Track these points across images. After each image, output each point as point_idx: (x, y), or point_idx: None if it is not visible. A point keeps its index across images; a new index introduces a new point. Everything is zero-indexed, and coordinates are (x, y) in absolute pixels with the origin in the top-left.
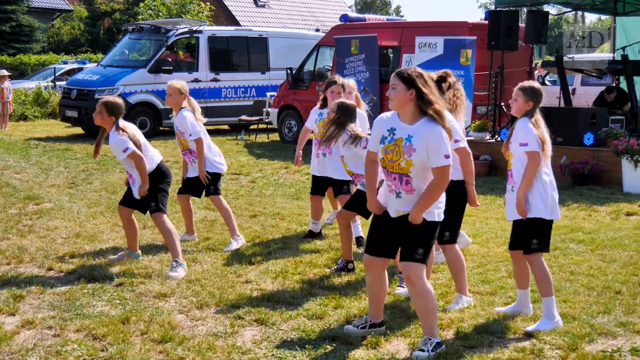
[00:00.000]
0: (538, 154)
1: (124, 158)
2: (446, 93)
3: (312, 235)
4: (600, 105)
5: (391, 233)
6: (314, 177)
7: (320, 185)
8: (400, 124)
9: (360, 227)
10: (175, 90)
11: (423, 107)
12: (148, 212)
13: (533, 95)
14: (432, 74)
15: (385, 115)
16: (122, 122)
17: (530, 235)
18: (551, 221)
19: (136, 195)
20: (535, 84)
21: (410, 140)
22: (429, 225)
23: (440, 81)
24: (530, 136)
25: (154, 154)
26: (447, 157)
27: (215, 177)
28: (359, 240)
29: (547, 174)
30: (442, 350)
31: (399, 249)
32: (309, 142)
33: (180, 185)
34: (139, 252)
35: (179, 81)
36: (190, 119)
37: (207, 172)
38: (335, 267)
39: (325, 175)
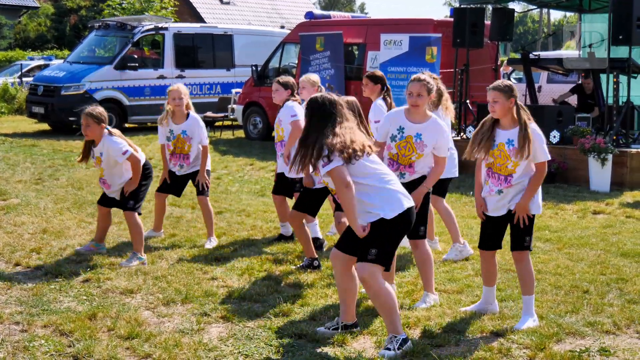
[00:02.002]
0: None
1: (121, 161)
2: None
3: (283, 238)
4: (579, 92)
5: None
6: (278, 175)
7: (283, 186)
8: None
9: (318, 227)
10: (184, 94)
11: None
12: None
13: (512, 91)
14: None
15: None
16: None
17: (525, 233)
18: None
19: (116, 197)
20: (506, 81)
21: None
22: (383, 226)
23: None
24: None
25: (141, 154)
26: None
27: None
28: (315, 241)
29: None
30: (408, 346)
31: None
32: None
33: (160, 184)
34: (104, 244)
35: (182, 85)
36: (203, 125)
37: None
38: (301, 264)
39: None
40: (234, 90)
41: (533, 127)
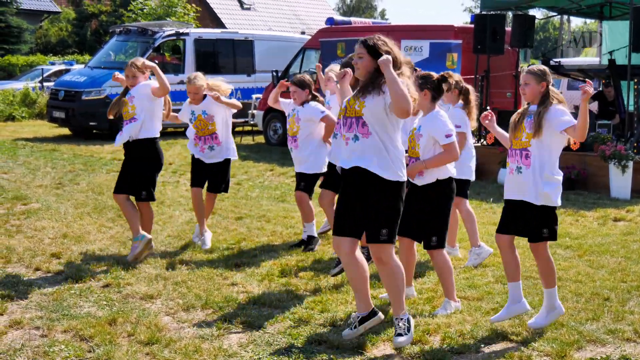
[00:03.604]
0: None
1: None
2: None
3: (304, 243)
4: (600, 99)
5: (355, 213)
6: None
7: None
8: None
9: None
10: (198, 89)
11: None
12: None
13: (545, 75)
14: (434, 74)
15: None
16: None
17: (543, 224)
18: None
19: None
20: (541, 66)
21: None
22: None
23: (440, 81)
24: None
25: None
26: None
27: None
28: (310, 240)
29: None
30: (412, 323)
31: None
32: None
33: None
34: (143, 232)
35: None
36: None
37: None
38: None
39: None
40: (254, 96)
41: (554, 107)
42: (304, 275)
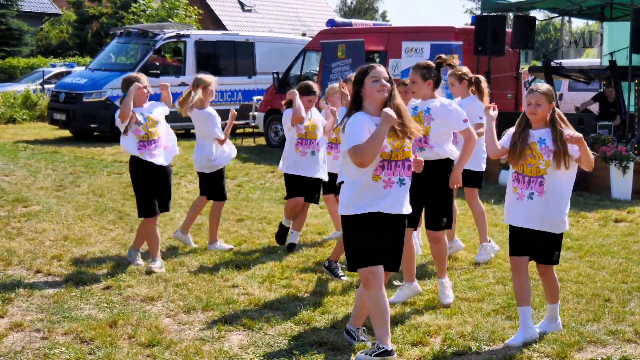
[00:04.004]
0: None
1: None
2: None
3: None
4: (601, 100)
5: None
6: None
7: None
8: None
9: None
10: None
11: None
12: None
13: (552, 96)
14: (431, 62)
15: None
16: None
17: (555, 248)
18: None
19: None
20: (547, 85)
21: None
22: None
23: (438, 67)
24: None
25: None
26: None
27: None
28: (290, 246)
29: None
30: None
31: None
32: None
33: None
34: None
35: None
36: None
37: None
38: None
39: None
40: (255, 98)
41: (566, 130)
42: (305, 277)
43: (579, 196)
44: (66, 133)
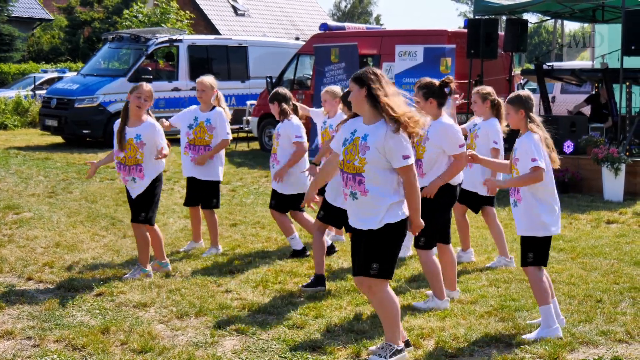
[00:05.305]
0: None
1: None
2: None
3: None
4: (593, 103)
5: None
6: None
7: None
8: (361, 126)
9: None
10: (207, 87)
11: (375, 105)
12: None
13: (521, 103)
14: (436, 81)
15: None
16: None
17: (528, 250)
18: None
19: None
20: (522, 92)
21: (366, 139)
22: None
23: (442, 86)
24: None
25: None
26: (405, 157)
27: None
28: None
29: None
30: (402, 357)
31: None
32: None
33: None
34: (167, 260)
35: (209, 76)
36: (226, 120)
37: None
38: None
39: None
40: (248, 102)
41: (523, 139)
42: (298, 282)
43: (571, 198)
44: (58, 139)
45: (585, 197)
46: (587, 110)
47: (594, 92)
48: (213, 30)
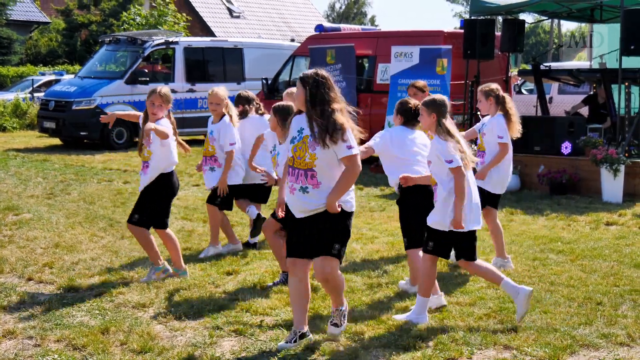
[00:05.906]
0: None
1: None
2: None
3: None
4: (591, 103)
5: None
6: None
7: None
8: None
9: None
10: (222, 100)
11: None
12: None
13: (434, 107)
14: (437, 98)
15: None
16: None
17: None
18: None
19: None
20: (438, 96)
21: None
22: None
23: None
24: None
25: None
26: (349, 147)
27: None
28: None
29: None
30: (345, 311)
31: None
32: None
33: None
34: (185, 267)
35: (222, 88)
36: (231, 132)
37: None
38: (275, 282)
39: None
40: None
41: (433, 142)
42: None
43: (570, 199)
44: (56, 141)
45: (584, 198)
46: (584, 111)
47: (591, 93)
48: (208, 32)
